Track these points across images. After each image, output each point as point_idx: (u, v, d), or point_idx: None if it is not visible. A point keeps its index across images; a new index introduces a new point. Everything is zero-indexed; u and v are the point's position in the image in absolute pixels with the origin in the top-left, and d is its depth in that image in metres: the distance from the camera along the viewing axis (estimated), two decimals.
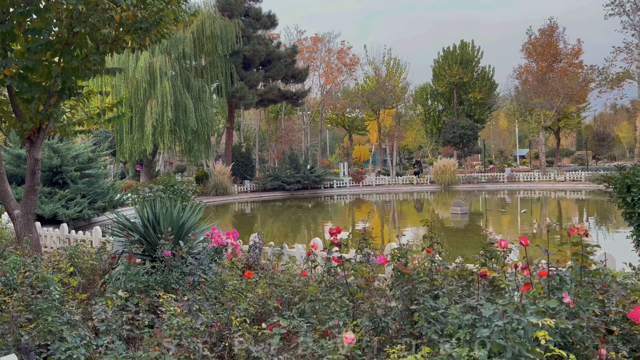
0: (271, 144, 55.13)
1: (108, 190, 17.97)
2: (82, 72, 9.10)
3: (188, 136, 26.93)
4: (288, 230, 19.85)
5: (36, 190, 9.72)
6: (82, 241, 9.85)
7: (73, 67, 8.80)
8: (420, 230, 18.09)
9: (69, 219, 16.58)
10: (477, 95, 50.25)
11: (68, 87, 9.22)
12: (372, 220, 22.36)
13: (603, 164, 53.56)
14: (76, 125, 9.55)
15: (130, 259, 5.27)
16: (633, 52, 32.00)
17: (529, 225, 18.83)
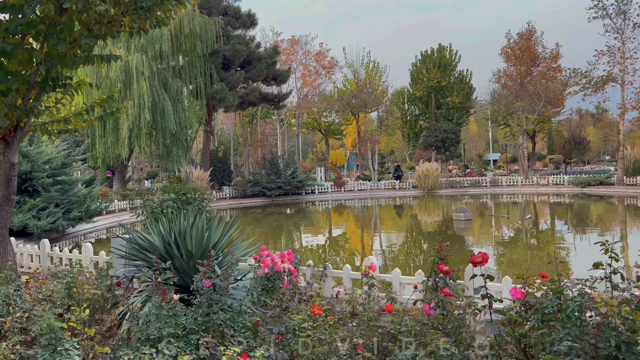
0: (246, 148, 53.57)
1: (84, 198, 16.30)
2: (70, 59, 7.66)
3: (166, 140, 25.29)
4: (278, 240, 18.54)
5: (12, 201, 8.24)
6: (68, 260, 8.37)
7: (59, 53, 7.34)
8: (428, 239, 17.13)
9: (41, 231, 14.88)
10: (456, 99, 49.99)
11: (52, 76, 7.77)
12: (367, 228, 21.27)
13: (579, 167, 54.08)
14: (61, 122, 8.09)
15: (164, 294, 3.95)
16: (616, 56, 32.01)
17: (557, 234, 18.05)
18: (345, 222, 24.78)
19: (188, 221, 5.16)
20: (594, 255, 4.96)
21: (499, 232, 17.84)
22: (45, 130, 8.47)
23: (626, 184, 31.57)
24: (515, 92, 39.68)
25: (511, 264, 11.97)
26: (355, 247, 15.93)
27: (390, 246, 15.84)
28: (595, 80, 31.96)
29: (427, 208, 30.79)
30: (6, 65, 7.56)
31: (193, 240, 5.03)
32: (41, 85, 7.75)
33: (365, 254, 14.18)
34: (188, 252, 4.96)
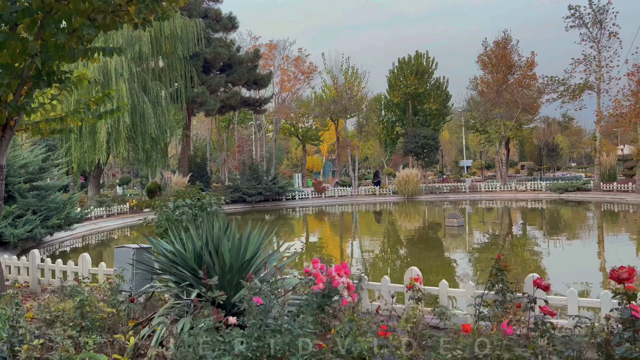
0: (222, 154, 52.67)
1: (64, 204, 15.38)
2: (68, 52, 7.01)
3: (146, 144, 24.39)
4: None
5: (0, 207, 7.49)
6: (62, 272, 7.65)
7: (57, 44, 6.69)
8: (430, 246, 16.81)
9: (18, 240, 13.96)
10: (433, 105, 50.27)
11: (47, 70, 7.11)
12: (352, 235, 20.86)
13: (551, 174, 55.02)
14: (57, 121, 7.40)
15: (217, 315, 3.40)
16: (592, 64, 32.60)
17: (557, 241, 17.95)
18: (335, 229, 24.33)
19: (220, 228, 4.61)
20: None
21: (505, 239, 17.57)
22: (37, 130, 7.76)
23: (603, 189, 32.09)
24: (492, 99, 40.10)
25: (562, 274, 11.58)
26: (357, 255, 15.48)
27: (392, 254, 15.45)
28: (573, 88, 32.45)
29: (413, 214, 30.62)
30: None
31: (228, 250, 4.49)
32: (35, 79, 7.07)
33: (377, 262, 13.75)
34: (224, 265, 4.42)
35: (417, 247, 16.46)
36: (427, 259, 13.60)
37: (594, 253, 14.69)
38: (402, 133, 54.75)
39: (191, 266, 4.53)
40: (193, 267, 4.49)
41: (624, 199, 28.65)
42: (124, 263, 6.56)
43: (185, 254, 4.52)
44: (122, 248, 6.68)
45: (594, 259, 13.68)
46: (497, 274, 4.87)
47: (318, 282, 3.94)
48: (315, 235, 21.75)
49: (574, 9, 32.39)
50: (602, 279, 10.38)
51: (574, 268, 12.31)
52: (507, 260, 4.74)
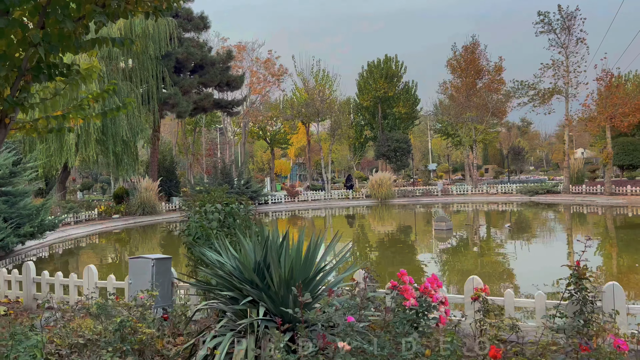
0: (188, 158, 51.33)
1: (37, 211, 14.30)
2: (74, 41, 6.28)
3: (117, 147, 23.25)
4: None
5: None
6: (62, 286, 6.87)
7: (61, 33, 5.97)
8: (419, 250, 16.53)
9: None
10: (402, 109, 50.54)
11: (47, 62, 6.36)
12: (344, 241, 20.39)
13: (516, 177, 56.22)
14: (59, 118, 6.62)
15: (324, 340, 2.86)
16: (560, 69, 33.38)
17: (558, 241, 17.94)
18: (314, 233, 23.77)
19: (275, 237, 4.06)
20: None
21: (505, 242, 17.42)
22: (34, 129, 6.96)
23: (572, 192, 32.83)
24: (461, 103, 40.57)
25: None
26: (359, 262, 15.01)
27: (397, 259, 15.06)
28: (543, 92, 33.12)
29: (393, 218, 30.46)
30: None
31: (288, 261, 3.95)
32: (35, 72, 6.29)
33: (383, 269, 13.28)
34: (288, 277, 3.87)
35: (418, 252, 16.18)
36: (438, 265, 13.29)
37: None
38: (370, 137, 54.87)
39: (250, 279, 3.96)
40: (253, 280, 3.93)
41: (594, 201, 29.35)
42: (141, 275, 5.89)
43: (245, 265, 3.94)
44: (138, 259, 6.00)
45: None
46: (576, 282, 4.51)
47: (408, 298, 3.46)
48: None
49: (543, 14, 33.11)
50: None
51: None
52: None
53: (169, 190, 33.48)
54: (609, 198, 28.84)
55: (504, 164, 78.10)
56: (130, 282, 5.96)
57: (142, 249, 20.17)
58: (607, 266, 12.49)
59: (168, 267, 6.01)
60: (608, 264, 12.81)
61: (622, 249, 15.23)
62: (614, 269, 12.23)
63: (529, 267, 12.55)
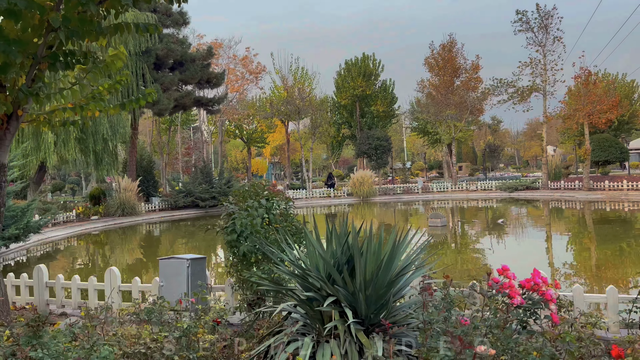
0: (162, 157, 50.22)
1: (23, 212, 13.56)
2: (95, 26, 5.88)
3: (98, 146, 22.41)
4: None
5: (1, 215, 6.20)
6: (79, 290, 6.40)
7: (82, 17, 5.56)
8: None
9: None
10: (380, 107, 50.58)
11: (64, 50, 5.91)
12: None
13: (491, 174, 56.95)
14: (76, 109, 6.14)
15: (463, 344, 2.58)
16: (538, 67, 33.90)
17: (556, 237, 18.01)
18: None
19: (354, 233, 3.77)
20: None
21: (506, 237, 17.39)
22: (47, 122, 6.46)
23: (551, 188, 33.41)
24: (439, 102, 40.84)
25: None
26: None
27: None
28: (522, 90, 33.58)
29: (381, 215, 30.39)
30: (8, 30, 5.61)
31: (371, 259, 3.67)
32: (51, 59, 5.87)
33: None
34: (371, 277, 3.59)
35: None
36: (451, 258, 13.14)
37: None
38: (348, 135, 54.77)
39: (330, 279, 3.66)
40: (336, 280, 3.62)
41: (573, 196, 29.92)
42: (175, 276, 5.51)
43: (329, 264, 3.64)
44: (170, 259, 5.61)
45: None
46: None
47: (514, 295, 3.22)
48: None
49: (521, 13, 33.55)
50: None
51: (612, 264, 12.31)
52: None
53: (147, 190, 32.60)
54: (588, 193, 29.44)
55: (476, 161, 79.32)
56: (161, 285, 5.57)
57: (132, 250, 19.48)
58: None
59: (203, 268, 5.64)
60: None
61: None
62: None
63: (559, 261, 12.52)
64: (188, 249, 18.60)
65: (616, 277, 10.37)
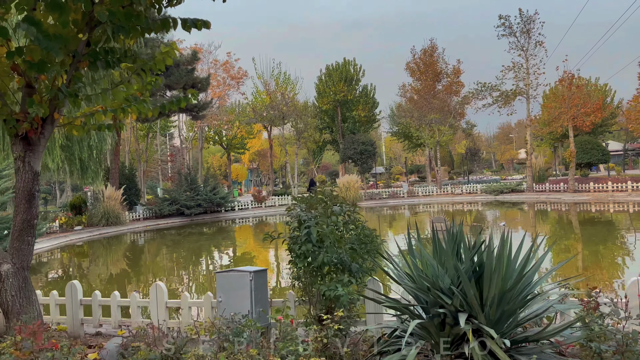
0: (140, 165, 49.05)
1: (10, 222, 12.79)
2: (143, 22, 5.48)
3: (84, 153, 21.55)
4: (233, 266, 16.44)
5: (33, 227, 5.70)
6: (119, 307, 5.89)
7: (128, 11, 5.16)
8: None
9: None
10: (361, 112, 50.59)
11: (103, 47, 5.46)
12: None
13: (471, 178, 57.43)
14: (118, 112, 5.65)
15: None
16: (520, 71, 34.34)
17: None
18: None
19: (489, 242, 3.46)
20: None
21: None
22: (82, 126, 5.96)
23: (536, 190, 33.81)
24: (421, 106, 40.99)
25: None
26: None
27: None
28: (507, 94, 33.94)
29: (378, 220, 30.16)
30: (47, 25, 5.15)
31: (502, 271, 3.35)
32: (92, 57, 5.42)
33: None
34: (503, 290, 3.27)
35: None
36: None
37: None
38: (329, 140, 54.61)
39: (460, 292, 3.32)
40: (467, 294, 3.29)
41: (560, 198, 30.30)
42: (235, 291, 5.09)
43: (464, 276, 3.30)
44: (230, 272, 5.18)
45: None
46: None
47: None
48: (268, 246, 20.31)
49: (504, 18, 33.97)
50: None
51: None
52: None
53: (130, 199, 31.66)
54: (574, 195, 29.86)
55: (453, 165, 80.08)
56: (220, 300, 5.13)
57: (122, 260, 18.72)
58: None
59: (265, 281, 5.23)
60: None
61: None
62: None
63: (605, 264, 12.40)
64: (189, 258, 17.99)
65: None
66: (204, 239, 23.77)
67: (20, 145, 5.50)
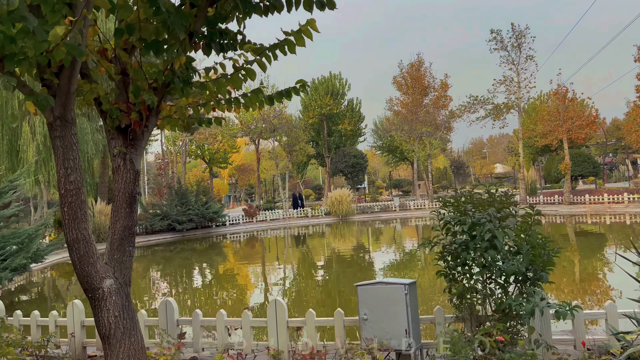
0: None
1: (30, 238, 11.72)
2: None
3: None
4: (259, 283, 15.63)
5: (134, 236, 4.92)
6: (227, 329, 5.11)
7: None
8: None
9: None
10: (347, 126, 50.34)
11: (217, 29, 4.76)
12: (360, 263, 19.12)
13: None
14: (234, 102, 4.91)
15: None
16: (512, 85, 34.64)
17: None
18: (281, 255, 22.24)
19: None
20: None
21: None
22: (177, 120, 5.18)
23: (530, 203, 33.93)
24: (411, 120, 40.94)
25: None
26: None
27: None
28: (501, 107, 34.14)
29: (351, 233, 29.62)
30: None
31: None
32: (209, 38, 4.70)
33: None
34: None
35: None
36: None
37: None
38: (313, 154, 54.09)
39: None
40: None
41: (557, 210, 30.42)
42: (385, 307, 4.41)
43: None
44: (377, 285, 4.50)
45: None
46: None
47: None
48: (291, 262, 19.56)
49: (495, 32, 34.32)
50: None
51: None
52: None
53: None
54: (571, 207, 30.04)
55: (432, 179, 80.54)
56: (365, 318, 4.43)
57: (150, 275, 17.55)
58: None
59: (416, 296, 4.57)
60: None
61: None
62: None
63: None
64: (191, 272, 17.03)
65: None
66: (195, 254, 22.80)
67: (120, 140, 4.72)
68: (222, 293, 13.54)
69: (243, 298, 12.22)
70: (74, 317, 5.60)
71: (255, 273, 16.94)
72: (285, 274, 16.30)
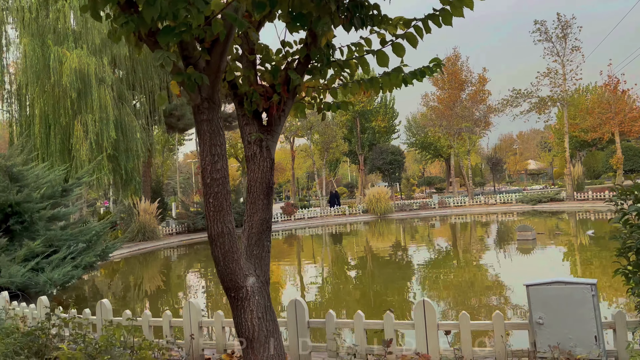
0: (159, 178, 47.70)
1: (98, 235, 11.53)
2: None
3: (130, 163, 20.35)
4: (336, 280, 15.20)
5: (270, 229, 4.52)
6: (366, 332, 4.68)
7: None
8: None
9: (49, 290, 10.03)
10: (381, 123, 49.70)
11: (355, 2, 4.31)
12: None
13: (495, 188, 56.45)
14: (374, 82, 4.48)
15: None
16: (555, 77, 33.57)
17: None
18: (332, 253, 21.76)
19: None
20: None
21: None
22: (306, 104, 4.76)
23: (577, 199, 32.82)
24: (449, 115, 40.08)
25: None
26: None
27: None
28: (546, 100, 33.12)
29: (396, 231, 29.00)
30: None
31: None
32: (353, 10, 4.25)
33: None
34: None
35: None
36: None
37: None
38: (345, 152, 53.56)
39: None
40: None
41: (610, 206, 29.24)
42: (567, 309, 3.91)
43: None
44: (553, 285, 4.00)
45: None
46: None
47: None
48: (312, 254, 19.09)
49: (539, 23, 33.30)
50: None
51: None
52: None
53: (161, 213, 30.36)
54: None
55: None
56: (540, 322, 3.95)
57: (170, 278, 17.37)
58: None
59: (597, 297, 4.06)
60: None
61: None
62: None
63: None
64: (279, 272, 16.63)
65: None
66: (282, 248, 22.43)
67: (256, 126, 4.33)
68: (324, 291, 13.01)
69: (349, 298, 11.70)
70: (190, 317, 5.25)
71: (340, 271, 16.52)
72: (405, 272, 15.87)
